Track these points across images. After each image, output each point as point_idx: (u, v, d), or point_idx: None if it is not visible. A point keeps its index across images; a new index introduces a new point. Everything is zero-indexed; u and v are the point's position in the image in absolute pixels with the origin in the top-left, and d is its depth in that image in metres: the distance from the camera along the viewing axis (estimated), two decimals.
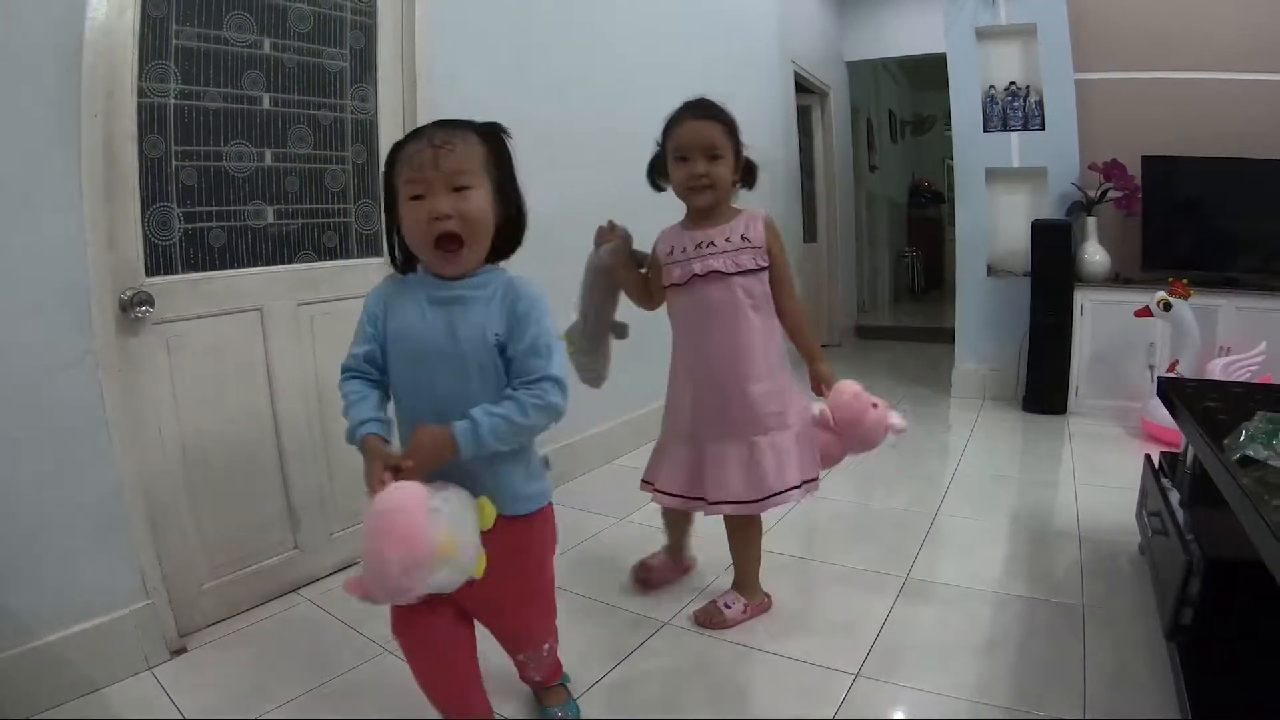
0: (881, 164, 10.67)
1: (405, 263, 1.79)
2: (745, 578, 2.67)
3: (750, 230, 2.50)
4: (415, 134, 1.69)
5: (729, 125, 2.49)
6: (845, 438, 2.50)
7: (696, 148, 2.44)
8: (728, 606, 2.60)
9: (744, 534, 2.63)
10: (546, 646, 2.03)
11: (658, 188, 2.59)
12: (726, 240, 2.48)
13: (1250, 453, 1.84)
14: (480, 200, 1.67)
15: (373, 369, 1.76)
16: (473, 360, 1.68)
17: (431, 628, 1.78)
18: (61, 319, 2.18)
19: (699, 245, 2.49)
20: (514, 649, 2.01)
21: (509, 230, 1.78)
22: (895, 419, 2.44)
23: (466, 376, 1.68)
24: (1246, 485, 1.67)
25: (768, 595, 2.71)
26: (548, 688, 2.15)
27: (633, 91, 4.45)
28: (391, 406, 1.78)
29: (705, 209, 2.52)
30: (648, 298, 2.64)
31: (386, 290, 1.79)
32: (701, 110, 2.50)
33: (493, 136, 1.75)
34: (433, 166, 1.61)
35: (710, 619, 2.59)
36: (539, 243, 1.91)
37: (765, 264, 2.50)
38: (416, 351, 1.70)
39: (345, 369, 1.77)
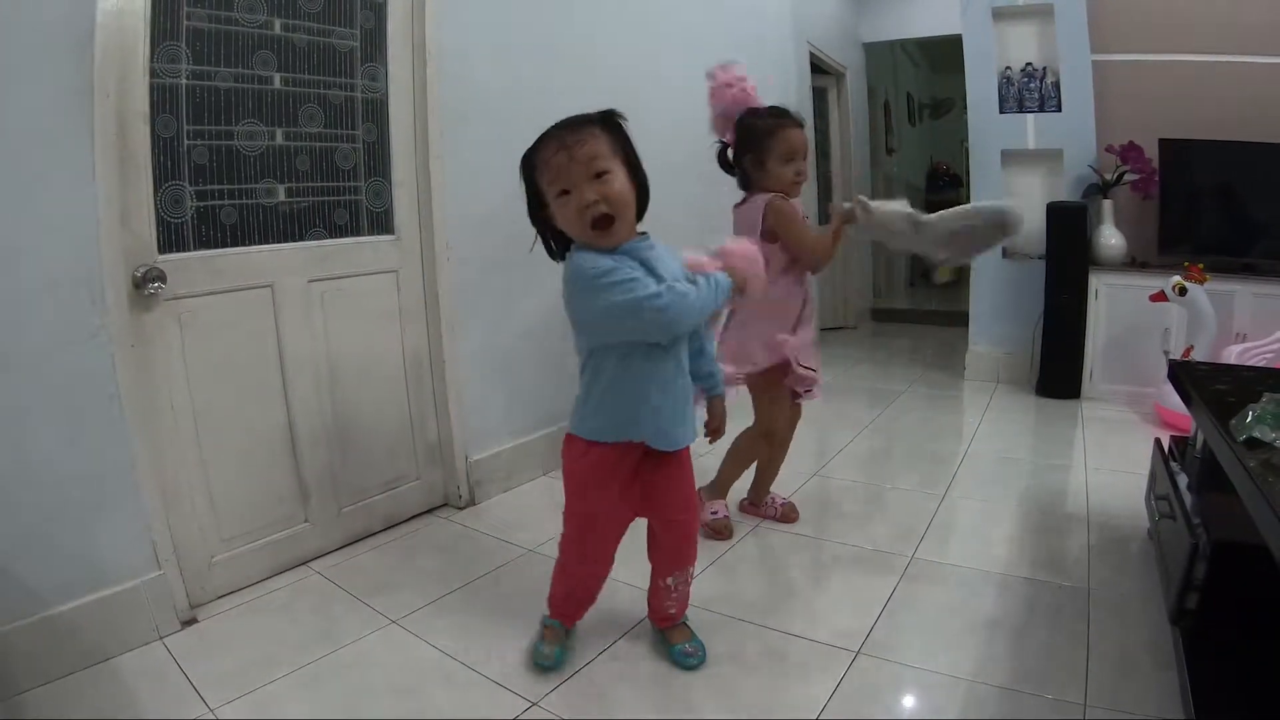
0: (899, 147, 10.59)
1: (560, 249, 2.03)
2: None
3: None
4: (545, 140, 1.90)
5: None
6: None
7: (801, 151, 2.82)
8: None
9: None
10: (692, 569, 2.34)
11: (733, 171, 2.98)
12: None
13: (1257, 434, 1.84)
14: (619, 179, 1.88)
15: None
16: None
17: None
18: (75, 295, 2.21)
19: None
20: (672, 566, 2.29)
21: (641, 200, 1.98)
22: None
23: None
24: (1253, 468, 1.66)
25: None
26: (675, 625, 2.35)
27: (646, 70, 4.44)
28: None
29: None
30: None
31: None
32: (793, 119, 2.86)
33: (611, 122, 1.94)
34: (570, 163, 1.83)
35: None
36: None
37: None
38: None
39: (658, 293, 1.86)
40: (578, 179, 1.83)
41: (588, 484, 2.13)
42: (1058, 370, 5.19)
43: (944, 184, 12.09)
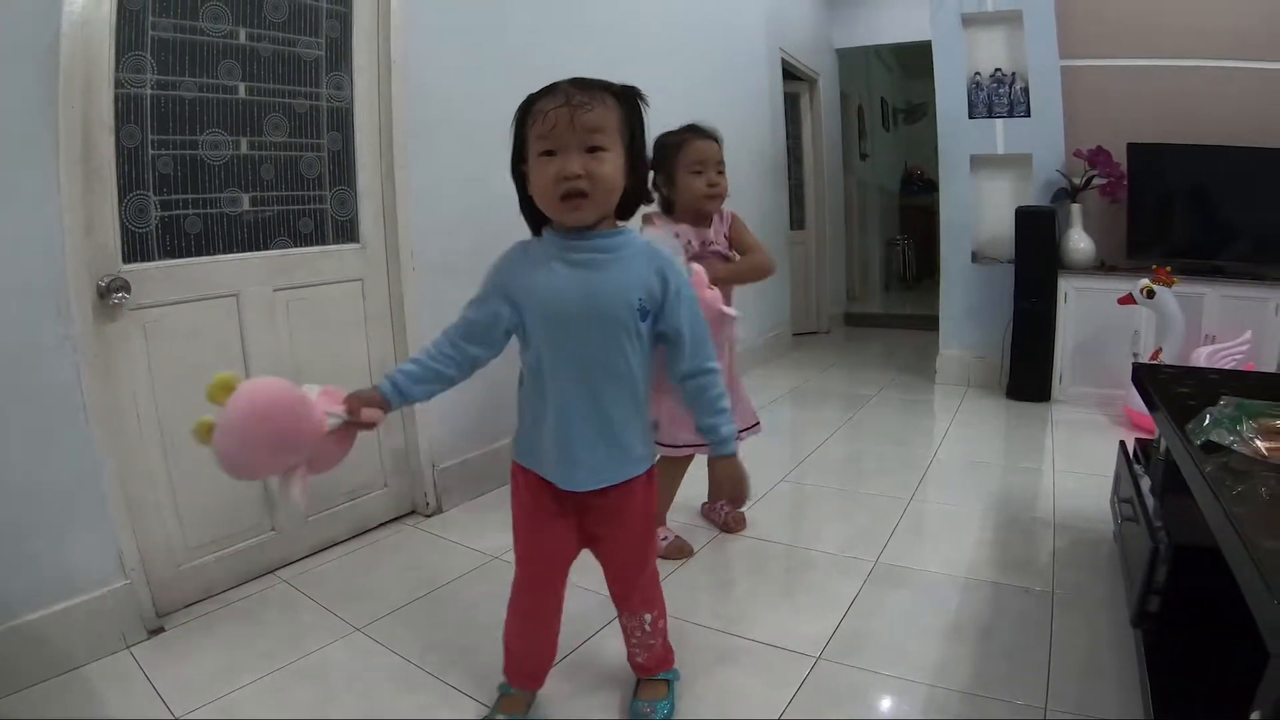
0: (873, 152, 10.64)
1: (534, 220, 1.81)
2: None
3: (727, 230, 2.90)
4: (550, 89, 1.69)
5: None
6: None
7: (710, 162, 2.76)
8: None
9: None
10: (649, 616, 2.06)
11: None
12: (717, 241, 2.85)
13: (1214, 438, 1.86)
14: (612, 162, 1.67)
15: (462, 343, 1.77)
16: (615, 321, 1.71)
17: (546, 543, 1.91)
18: (40, 305, 2.21)
19: (704, 244, 2.81)
20: (623, 605, 2.06)
21: (634, 192, 1.78)
22: (727, 309, 2.48)
23: (612, 337, 1.71)
24: (1208, 471, 1.68)
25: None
26: (650, 678, 2.11)
27: (615, 77, 4.43)
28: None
29: (711, 213, 2.84)
30: None
31: (516, 257, 1.79)
32: (704, 132, 2.81)
33: (629, 99, 1.76)
34: (568, 125, 1.61)
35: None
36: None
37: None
38: (559, 315, 1.71)
39: (445, 331, 1.79)
40: (569, 144, 1.62)
41: (518, 518, 1.93)
42: (1027, 373, 5.23)
43: (918, 189, 12.16)
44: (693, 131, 2.79)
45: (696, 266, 2.34)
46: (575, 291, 1.69)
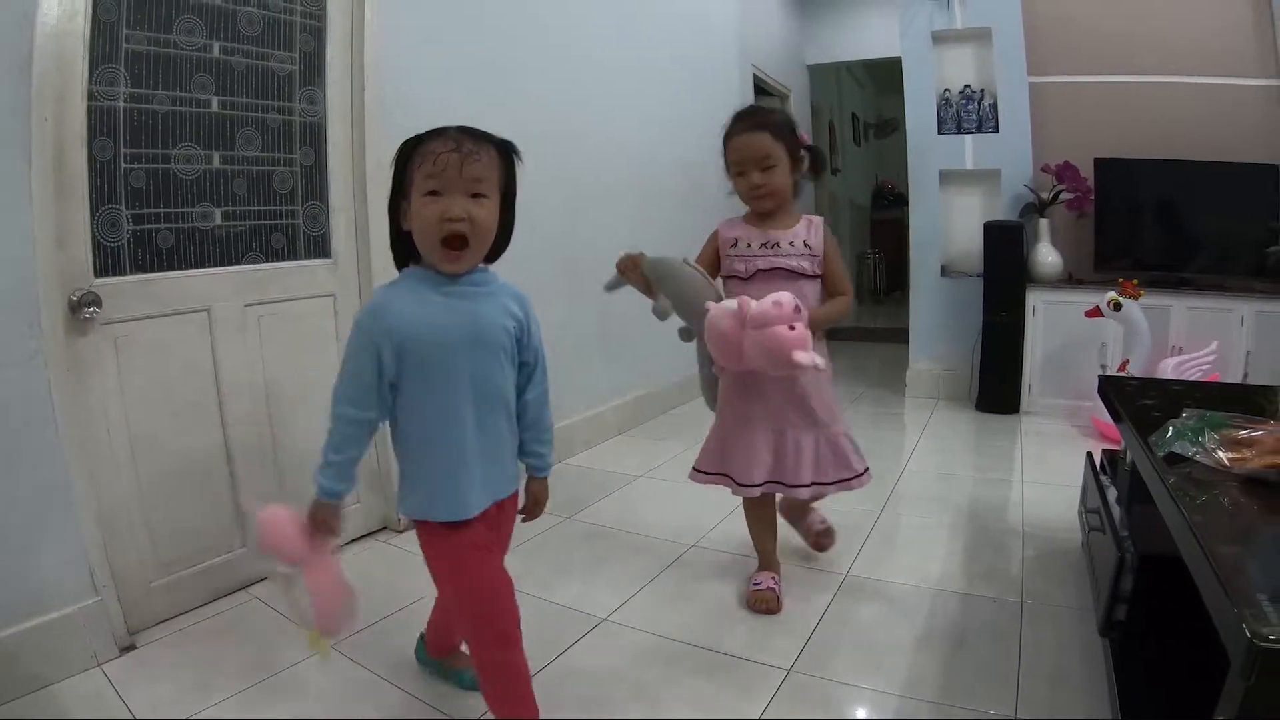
0: (844, 166, 10.71)
1: (402, 256, 1.88)
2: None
3: (812, 236, 2.60)
4: (439, 133, 1.75)
5: (778, 130, 2.53)
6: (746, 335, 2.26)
7: (750, 160, 2.52)
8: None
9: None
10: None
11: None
12: (790, 244, 2.57)
13: (1177, 449, 1.88)
14: (491, 209, 1.76)
15: (369, 403, 1.80)
16: (496, 344, 1.82)
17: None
18: (10, 319, 2.19)
19: (765, 245, 2.57)
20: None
21: (502, 239, 1.86)
22: (804, 357, 2.15)
23: (494, 358, 1.82)
24: (1171, 483, 1.70)
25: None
26: (459, 652, 2.32)
27: (589, 93, 4.48)
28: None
29: (769, 213, 2.60)
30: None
31: (386, 300, 1.80)
32: (750, 121, 2.55)
33: (507, 154, 1.84)
34: (456, 170, 1.69)
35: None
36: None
37: (820, 271, 2.61)
38: (445, 342, 1.76)
39: (343, 400, 1.81)
40: (455, 187, 1.70)
41: (464, 567, 1.89)
42: (997, 386, 5.29)
43: (889, 203, 12.21)
44: (737, 121, 2.58)
45: (787, 297, 2.20)
46: (458, 319, 1.77)
